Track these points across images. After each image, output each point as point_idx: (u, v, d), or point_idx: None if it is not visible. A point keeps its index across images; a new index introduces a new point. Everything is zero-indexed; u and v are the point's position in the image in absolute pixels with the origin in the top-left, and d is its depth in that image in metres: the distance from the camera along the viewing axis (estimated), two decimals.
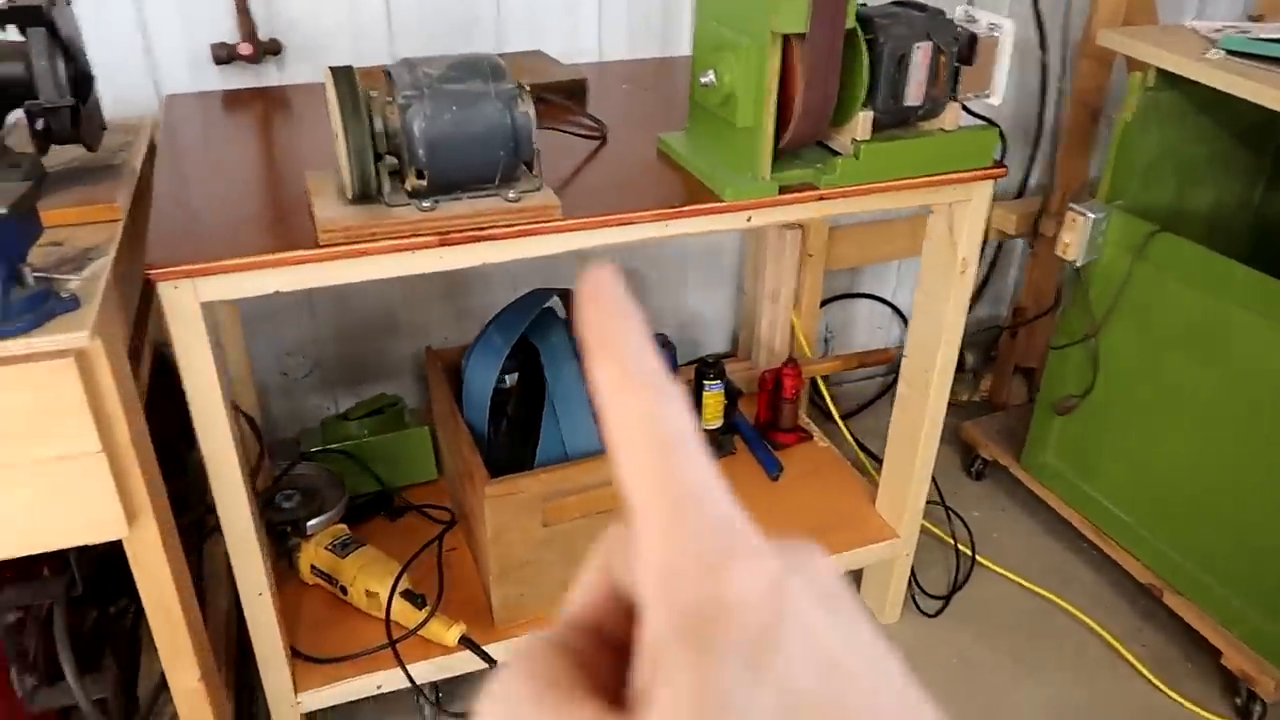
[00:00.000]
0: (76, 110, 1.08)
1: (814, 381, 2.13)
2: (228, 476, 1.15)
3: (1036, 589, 1.86)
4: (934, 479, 1.91)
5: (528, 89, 1.10)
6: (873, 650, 0.24)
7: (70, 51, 1.07)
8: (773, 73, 1.12)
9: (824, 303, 2.31)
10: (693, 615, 0.22)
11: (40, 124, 1.07)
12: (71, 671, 1.11)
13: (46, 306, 0.90)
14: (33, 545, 0.99)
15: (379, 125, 1.06)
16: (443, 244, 1.09)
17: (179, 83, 1.61)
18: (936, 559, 1.93)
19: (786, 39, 1.11)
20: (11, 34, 1.05)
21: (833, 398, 2.41)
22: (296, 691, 1.37)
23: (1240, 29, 1.57)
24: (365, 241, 1.06)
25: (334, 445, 1.73)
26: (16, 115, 1.10)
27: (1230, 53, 1.50)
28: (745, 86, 1.15)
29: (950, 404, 2.32)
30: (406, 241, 1.07)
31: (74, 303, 0.93)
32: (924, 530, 1.96)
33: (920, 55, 1.18)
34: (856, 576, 1.84)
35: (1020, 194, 2.30)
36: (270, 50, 1.61)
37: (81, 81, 1.10)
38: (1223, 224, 1.85)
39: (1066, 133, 2.02)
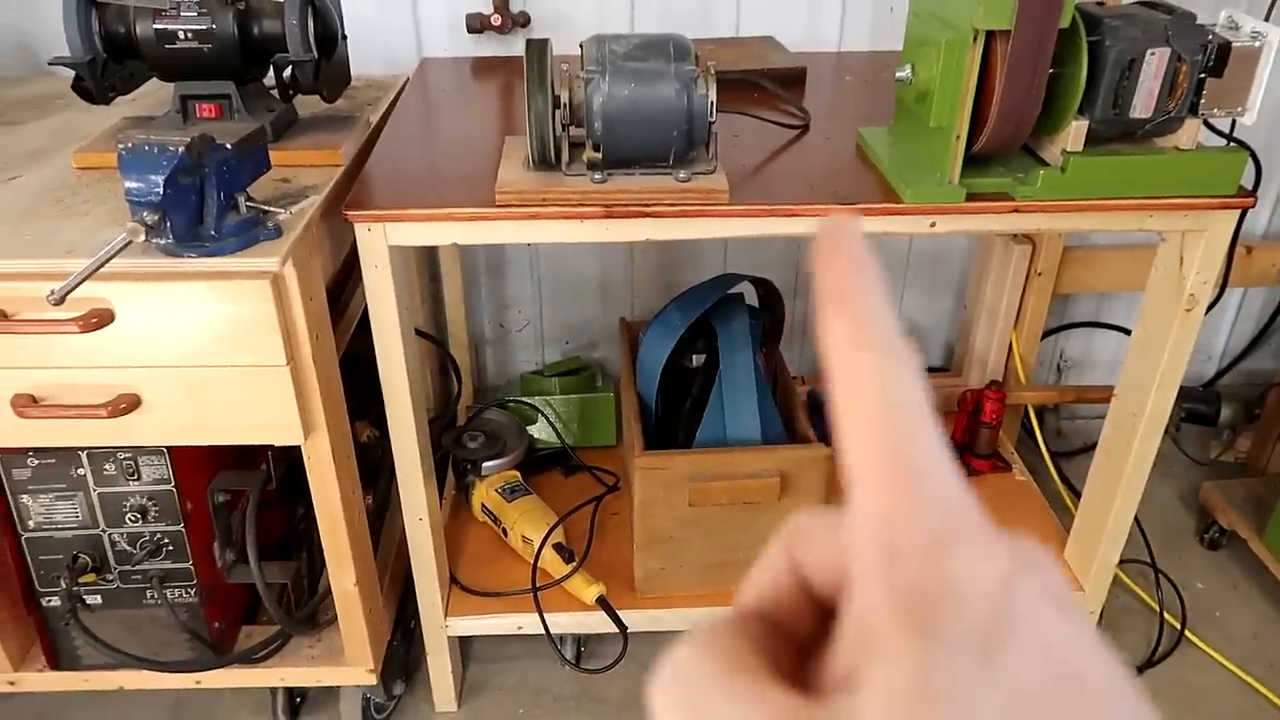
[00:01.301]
0: (319, 65, 1.22)
1: (1029, 412, 1.97)
2: (400, 406, 1.26)
3: (1254, 683, 1.62)
4: (1146, 538, 1.73)
5: (712, 71, 1.10)
6: (1103, 659, 0.22)
7: (320, 13, 1.21)
8: (970, 71, 1.05)
9: (1061, 329, 2.13)
10: (916, 597, 0.21)
11: (286, 74, 1.22)
12: (253, 553, 1.27)
13: (253, 233, 1.04)
14: (224, 438, 1.15)
15: (565, 97, 1.11)
16: (608, 215, 1.12)
17: (438, 46, 1.76)
18: (1138, 625, 1.73)
19: (990, 36, 1.03)
20: None
21: (1059, 433, 2.23)
22: (446, 615, 1.48)
23: None
24: (536, 205, 1.12)
25: (527, 398, 1.84)
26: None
27: None
28: (941, 84, 1.08)
29: (1197, 462, 2.10)
30: (574, 210, 1.12)
31: (276, 232, 1.06)
32: (1128, 590, 1.78)
33: (1154, 62, 1.05)
34: None
35: None
36: (520, 22, 1.72)
37: (327, 39, 1.23)
38: None
39: None
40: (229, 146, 1.00)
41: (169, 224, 0.95)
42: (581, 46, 1.14)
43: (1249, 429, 2.05)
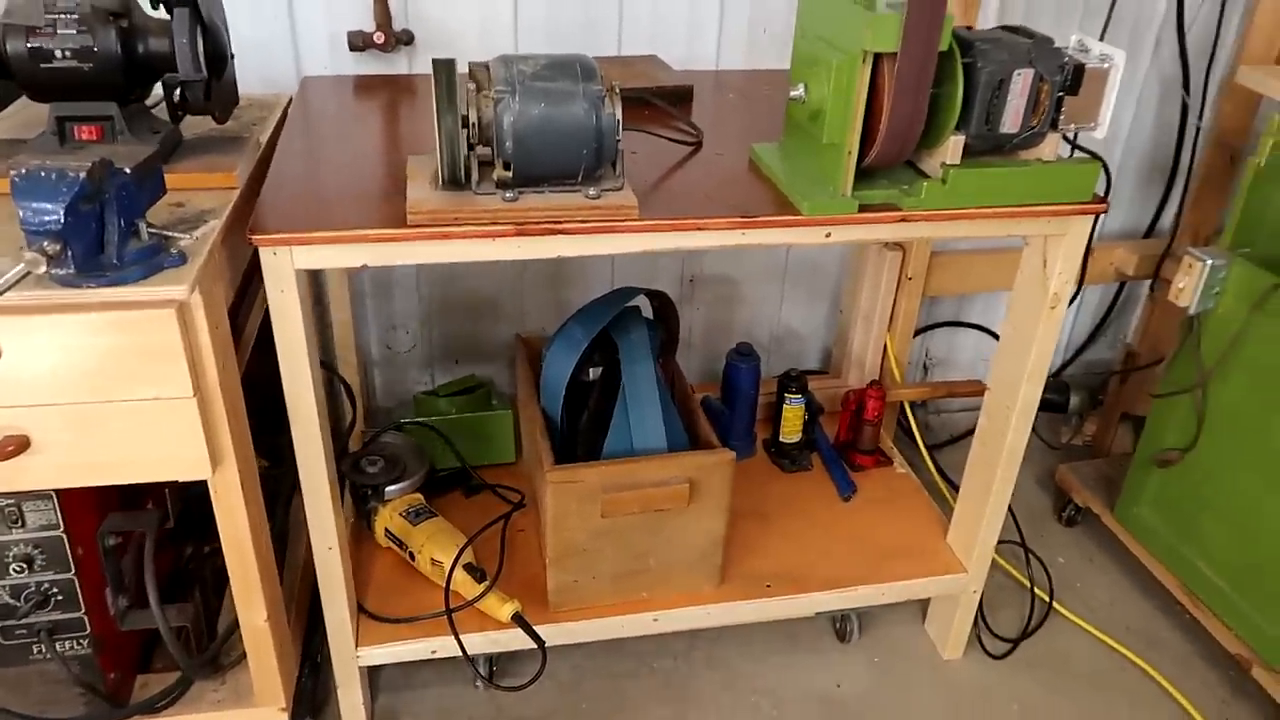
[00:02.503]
0: (209, 85, 1.18)
1: (904, 408, 2.10)
2: (309, 432, 1.23)
3: (1116, 645, 1.78)
4: (1015, 519, 1.87)
5: (617, 91, 1.13)
6: None
7: (210, 31, 1.17)
8: (860, 90, 1.12)
9: (927, 329, 2.27)
10: None
11: (176, 95, 1.18)
12: (154, 596, 1.21)
13: (156, 260, 1.00)
14: (124, 476, 1.09)
15: (473, 116, 1.11)
16: (520, 234, 1.13)
17: (319, 65, 1.72)
18: (1011, 601, 1.86)
19: (878, 58, 1.11)
20: (161, 13, 1.17)
21: (927, 426, 2.37)
22: (358, 645, 1.45)
23: None
24: (448, 225, 1.12)
25: (422, 419, 1.81)
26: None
27: None
28: (833, 102, 1.15)
29: (1049, 446, 2.27)
30: (486, 229, 1.12)
31: (181, 259, 1.02)
32: (1000, 570, 1.91)
33: (1020, 82, 1.16)
34: (924, 605, 1.80)
35: (1148, 234, 2.19)
36: (403, 40, 1.70)
37: (217, 59, 1.20)
38: None
39: (1200, 174, 1.92)
40: (128, 171, 0.96)
41: (70, 253, 0.90)
42: (487, 66, 1.15)
43: (1094, 414, 2.24)
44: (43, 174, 0.88)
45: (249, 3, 1.64)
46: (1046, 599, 1.86)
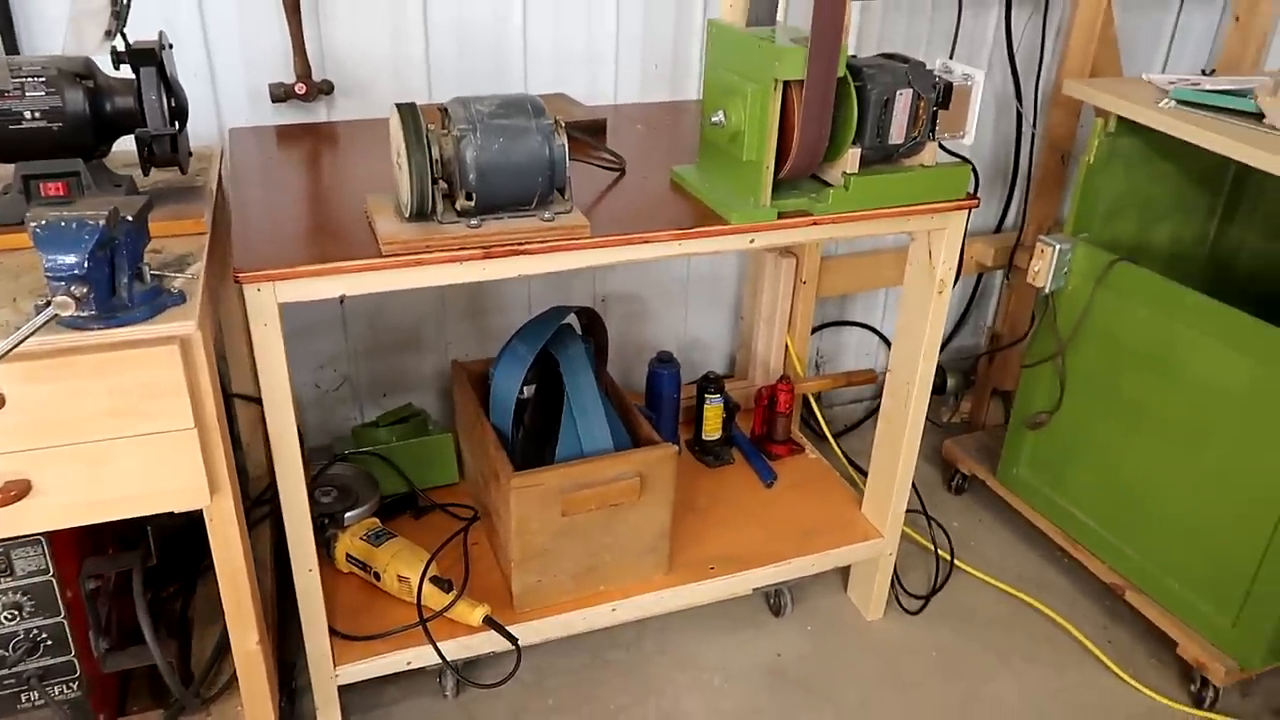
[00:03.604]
0: (175, 138, 1.25)
1: (807, 403, 2.30)
2: (290, 459, 1.30)
3: (1011, 590, 2.01)
4: (917, 492, 2.08)
5: (563, 125, 1.27)
6: None
7: (172, 88, 1.24)
8: (774, 114, 1.30)
9: (816, 329, 2.49)
10: None
11: (147, 149, 1.24)
12: (150, 632, 1.25)
13: (159, 300, 1.06)
14: (125, 511, 1.14)
15: (435, 153, 1.23)
16: (486, 256, 1.25)
17: (240, 117, 1.79)
18: (919, 564, 2.08)
19: (786, 85, 1.29)
20: (124, 73, 1.23)
21: (824, 420, 2.58)
22: (335, 664, 1.50)
23: (1191, 82, 1.76)
24: (421, 253, 1.22)
25: (365, 449, 1.88)
26: (119, 142, 1.27)
27: (1181, 102, 1.69)
28: (750, 125, 1.32)
29: (933, 424, 2.52)
30: (455, 254, 1.24)
31: (181, 297, 1.09)
32: (908, 538, 2.12)
33: (902, 100, 1.36)
34: (845, 575, 1.99)
35: (998, 230, 2.48)
36: (323, 90, 1.79)
37: (180, 113, 1.27)
38: (1183, 257, 2.04)
39: (1038, 175, 2.21)
40: (130, 219, 1.03)
41: (92, 297, 0.96)
42: (444, 108, 1.27)
43: (969, 394, 2.51)
44: (62, 223, 0.94)
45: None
46: (949, 559, 2.08)
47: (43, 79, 1.17)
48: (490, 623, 1.56)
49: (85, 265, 0.94)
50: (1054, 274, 1.84)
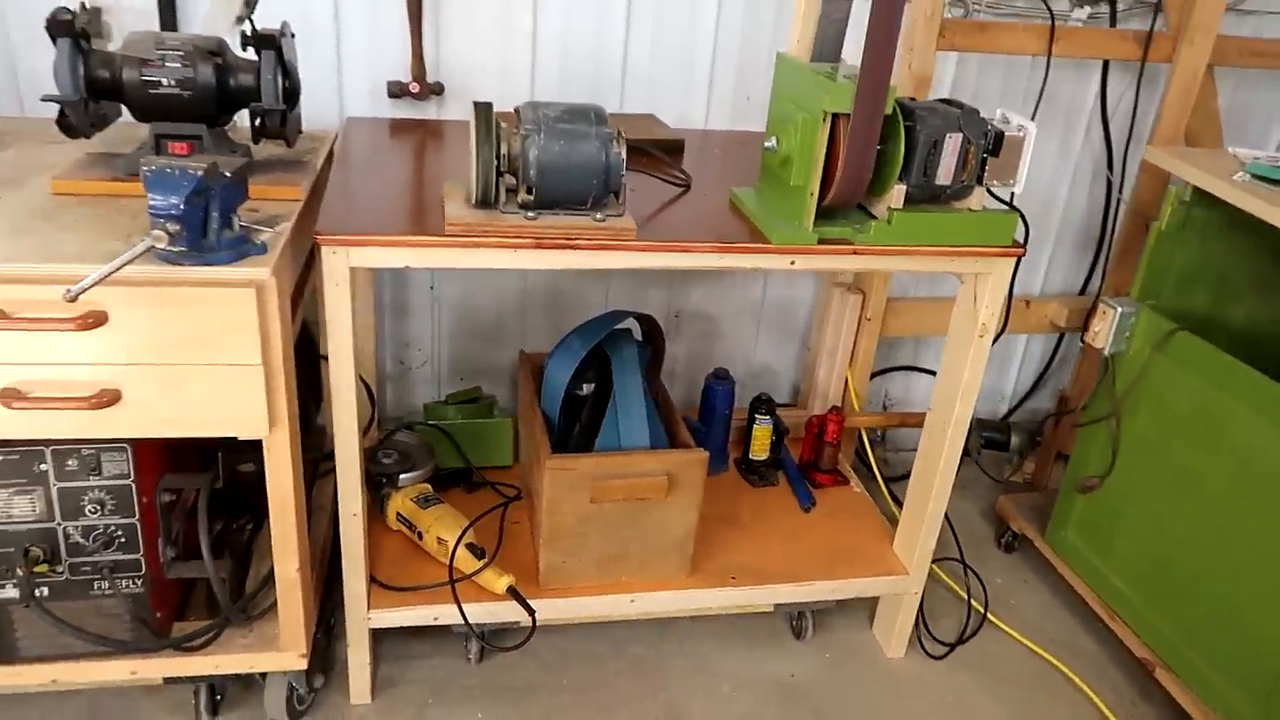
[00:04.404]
0: (284, 115, 1.42)
1: (863, 441, 2.33)
2: (346, 408, 1.45)
3: (1041, 651, 1.99)
4: (957, 540, 2.09)
5: (623, 135, 1.39)
6: None
7: (288, 71, 1.42)
8: (821, 143, 1.38)
9: (885, 371, 2.52)
10: None
11: (259, 121, 1.42)
12: (207, 546, 1.41)
13: (244, 248, 1.22)
14: (195, 430, 1.30)
15: (504, 149, 1.36)
16: (538, 246, 1.37)
17: (359, 108, 1.98)
18: (952, 612, 2.08)
19: (835, 117, 1.37)
20: (249, 55, 1.42)
21: (885, 463, 2.60)
22: (369, 608, 1.64)
23: (1271, 158, 1.74)
24: (479, 236, 1.36)
25: (432, 422, 2.03)
26: (240, 114, 1.46)
27: (1255, 176, 1.67)
28: (799, 152, 1.41)
29: (995, 481, 2.50)
30: (511, 240, 1.36)
31: (263, 249, 1.25)
32: (941, 584, 2.12)
33: (952, 144, 1.42)
34: (871, 611, 2.01)
35: (1082, 293, 2.46)
36: (434, 90, 1.97)
37: (292, 94, 1.44)
38: (1258, 336, 1.99)
39: (1120, 241, 2.19)
40: (228, 175, 1.20)
41: (185, 233, 1.13)
42: (518, 110, 1.40)
43: (1034, 454, 2.48)
44: (169, 170, 1.11)
45: (303, 52, 1.89)
46: (982, 610, 2.07)
47: (181, 53, 1.36)
48: (513, 592, 1.66)
49: (180, 207, 1.10)
50: (1114, 337, 1.84)
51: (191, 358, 1.26)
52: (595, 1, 1.98)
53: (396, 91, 1.94)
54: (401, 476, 1.83)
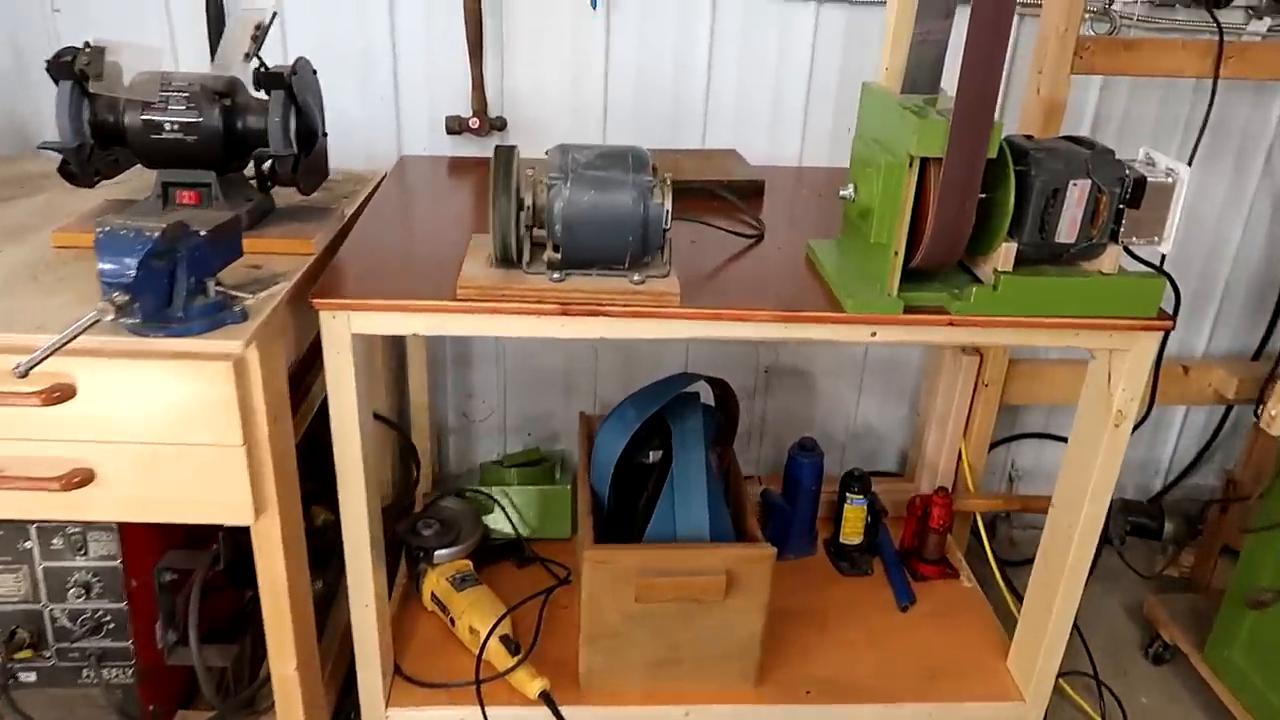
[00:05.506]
0: (297, 160, 1.28)
1: (978, 520, 2.01)
2: (354, 490, 1.28)
3: None
4: (1089, 650, 1.76)
5: (668, 182, 1.17)
6: None
7: (302, 112, 1.28)
8: (908, 193, 1.12)
9: (1013, 439, 2.19)
10: None
11: (266, 167, 1.28)
12: (194, 634, 1.27)
13: (219, 316, 1.08)
14: (174, 515, 1.16)
15: (528, 200, 1.17)
16: (564, 313, 1.17)
17: (418, 145, 1.84)
18: None
19: (926, 162, 1.11)
20: (263, 95, 1.28)
21: (1010, 541, 2.27)
22: (388, 705, 1.47)
23: None
24: (495, 301, 1.17)
25: (484, 488, 1.86)
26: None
27: None
28: (881, 203, 1.16)
29: (1143, 575, 2.13)
30: (532, 306, 1.17)
31: (242, 316, 1.10)
32: (1071, 702, 1.79)
33: (1076, 193, 1.13)
34: None
35: (1256, 356, 2.07)
36: (496, 126, 1.81)
37: (307, 136, 1.30)
38: None
39: None
40: (202, 234, 1.05)
41: (138, 305, 0.98)
42: (547, 154, 1.21)
43: (1193, 544, 2.09)
44: (122, 232, 0.97)
45: (359, 86, 1.78)
46: None
47: (186, 94, 1.24)
48: (545, 698, 1.46)
49: (132, 274, 0.96)
50: None
51: (167, 436, 1.11)
52: (674, 27, 1.77)
53: (455, 127, 1.78)
54: (438, 553, 1.66)
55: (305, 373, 1.42)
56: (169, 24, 1.71)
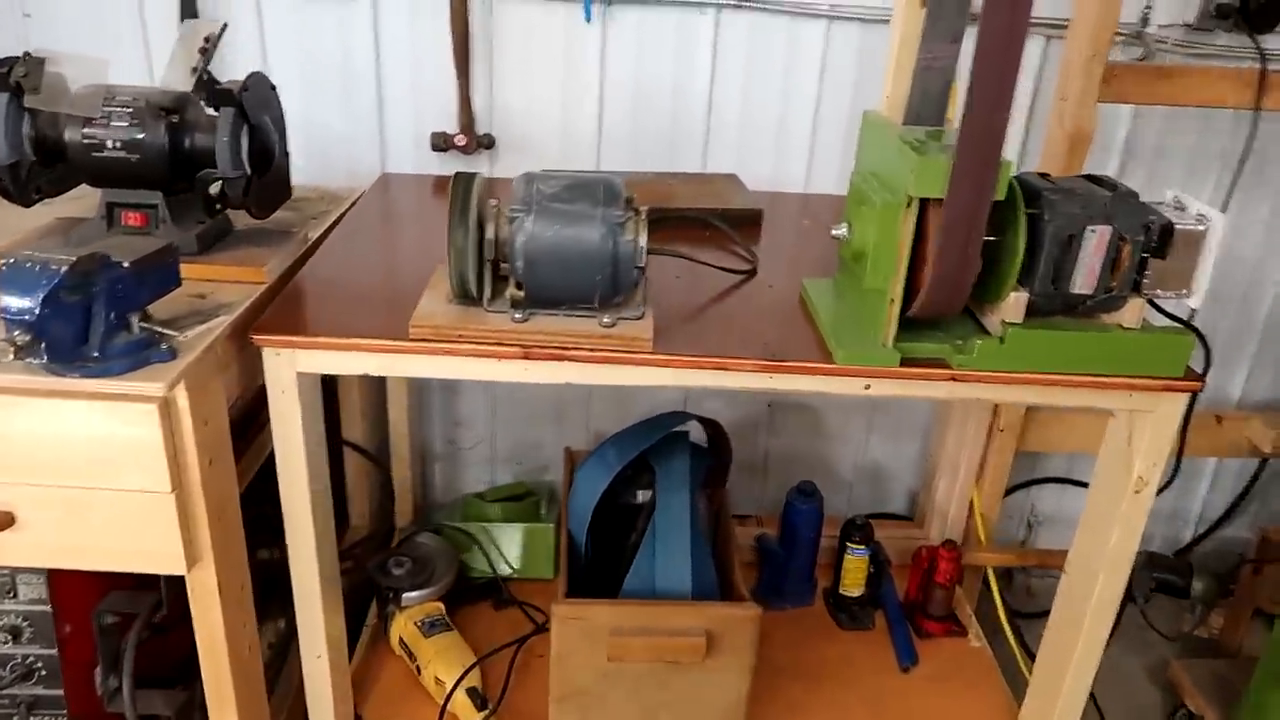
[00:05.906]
0: (250, 182, 1.19)
1: (989, 581, 1.88)
2: (302, 537, 1.19)
3: None
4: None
5: (643, 216, 1.07)
6: None
7: (257, 130, 1.19)
8: (905, 237, 1.01)
9: (1032, 483, 2.07)
10: None
11: (215, 189, 1.19)
12: (128, 681, 1.18)
13: (144, 354, 0.99)
14: (102, 563, 1.07)
15: (490, 233, 1.07)
16: (526, 357, 1.07)
17: (403, 162, 1.75)
18: None
19: (925, 202, 1.00)
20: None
21: (1028, 591, 2.14)
22: None
23: None
24: (450, 342, 1.07)
25: (464, 524, 1.76)
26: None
27: None
28: (876, 246, 1.05)
29: (1167, 637, 1.99)
30: (490, 349, 1.07)
31: (170, 354, 1.01)
32: None
33: (1095, 240, 1.02)
34: None
35: None
36: (484, 144, 1.71)
37: (262, 157, 1.21)
38: None
39: None
40: (125, 265, 0.96)
41: (44, 345, 0.90)
42: (514, 183, 1.11)
43: (1223, 604, 1.95)
44: (27, 265, 0.89)
45: (341, 100, 1.69)
46: None
47: (130, 110, 1.15)
48: None
49: (36, 311, 0.87)
50: None
51: (92, 480, 1.02)
52: (674, 43, 1.67)
53: (440, 144, 1.69)
54: (407, 595, 1.56)
55: (263, 406, 1.33)
56: (143, 31, 1.63)
